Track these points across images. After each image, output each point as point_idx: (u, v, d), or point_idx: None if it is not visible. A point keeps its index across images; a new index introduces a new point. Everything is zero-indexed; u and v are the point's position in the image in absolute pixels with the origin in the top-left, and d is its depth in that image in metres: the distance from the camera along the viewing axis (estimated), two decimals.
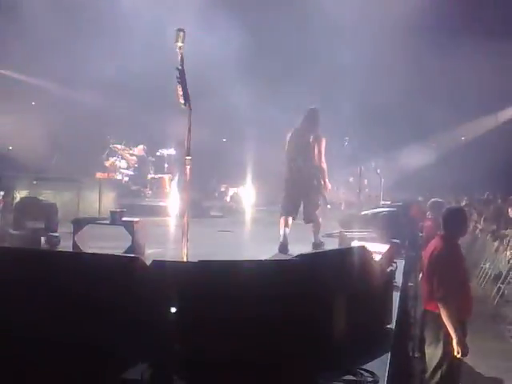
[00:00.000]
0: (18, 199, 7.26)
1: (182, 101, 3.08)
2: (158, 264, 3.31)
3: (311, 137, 6.89)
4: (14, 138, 13.75)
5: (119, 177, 13.78)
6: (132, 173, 14.06)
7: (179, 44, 3.07)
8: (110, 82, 12.97)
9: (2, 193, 8.32)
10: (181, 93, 3.04)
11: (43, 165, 13.56)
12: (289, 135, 7.11)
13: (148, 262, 3.29)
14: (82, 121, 14.59)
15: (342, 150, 8.29)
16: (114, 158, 14.06)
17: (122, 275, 3.30)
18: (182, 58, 3.07)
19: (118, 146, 14.09)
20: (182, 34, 3.06)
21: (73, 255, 4.38)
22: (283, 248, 6.62)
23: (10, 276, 3.16)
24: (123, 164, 14.06)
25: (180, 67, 3.06)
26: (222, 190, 14.45)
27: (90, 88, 14.27)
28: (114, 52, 12.49)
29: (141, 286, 3.29)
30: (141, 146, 14.47)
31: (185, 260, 3.45)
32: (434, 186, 15.71)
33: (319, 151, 6.86)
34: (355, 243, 4.52)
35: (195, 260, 3.30)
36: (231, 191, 14.06)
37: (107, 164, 13.95)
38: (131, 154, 14.14)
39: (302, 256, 3.04)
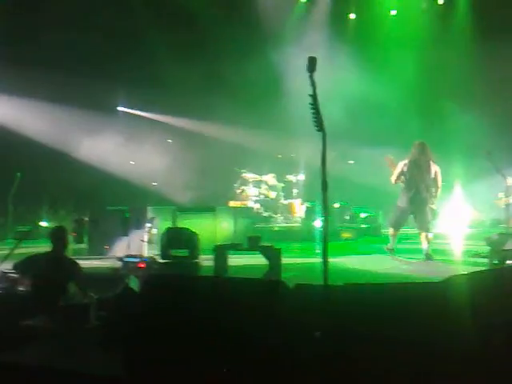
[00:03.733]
0: (163, 230, 7.77)
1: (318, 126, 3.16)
2: (302, 287, 3.37)
3: (427, 166, 7.95)
4: (157, 174, 15.05)
5: (251, 204, 14.23)
6: (263, 200, 14.48)
7: (311, 71, 3.18)
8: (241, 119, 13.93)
9: (148, 225, 8.99)
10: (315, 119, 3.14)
11: (183, 197, 14.62)
12: (402, 165, 8.06)
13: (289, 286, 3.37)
14: (214, 154, 15.59)
15: (483, 164, 7.97)
16: (246, 186, 14.59)
17: (266, 298, 3.40)
18: (314, 84, 3.18)
19: (249, 175, 14.62)
20: (313, 61, 3.18)
21: (218, 280, 4.62)
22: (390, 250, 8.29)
23: (160, 299, 3.43)
24: (254, 192, 14.53)
25: (313, 94, 3.16)
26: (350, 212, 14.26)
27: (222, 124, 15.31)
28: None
29: (284, 308, 3.37)
30: (270, 175, 14.87)
31: (325, 284, 3.47)
32: None
33: (435, 178, 7.97)
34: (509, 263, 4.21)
35: (338, 283, 3.30)
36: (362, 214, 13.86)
37: (239, 192, 14.51)
38: (261, 181, 14.61)
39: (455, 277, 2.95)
